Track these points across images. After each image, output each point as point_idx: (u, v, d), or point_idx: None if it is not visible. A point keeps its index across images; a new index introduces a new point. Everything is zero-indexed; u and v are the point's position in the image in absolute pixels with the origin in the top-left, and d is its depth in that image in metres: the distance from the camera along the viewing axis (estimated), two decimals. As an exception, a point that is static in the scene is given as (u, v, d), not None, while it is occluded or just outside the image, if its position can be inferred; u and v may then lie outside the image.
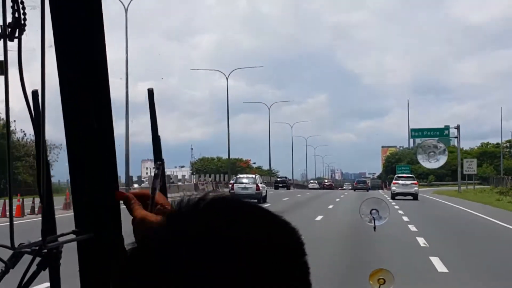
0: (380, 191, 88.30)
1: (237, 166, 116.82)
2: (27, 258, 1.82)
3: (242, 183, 43.38)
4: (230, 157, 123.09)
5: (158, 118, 1.92)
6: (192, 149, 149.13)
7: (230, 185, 45.02)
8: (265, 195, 44.45)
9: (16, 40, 1.57)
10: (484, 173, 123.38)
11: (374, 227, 2.85)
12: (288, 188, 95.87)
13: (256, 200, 39.96)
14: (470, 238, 22.82)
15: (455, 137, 66.15)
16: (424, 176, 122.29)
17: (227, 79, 72.63)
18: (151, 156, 1.94)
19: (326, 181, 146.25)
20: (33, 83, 1.69)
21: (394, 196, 50.01)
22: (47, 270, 1.89)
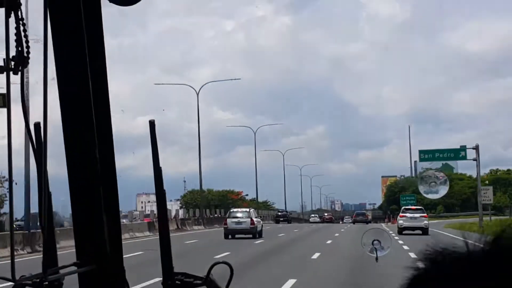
0: (383, 224, 79.23)
1: (228, 199, 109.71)
2: None
3: (236, 217, 40.27)
4: (223, 189, 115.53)
5: (159, 154, 1.93)
6: (184, 181, 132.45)
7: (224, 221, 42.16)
8: (261, 230, 42.01)
9: (19, 73, 1.59)
10: (498, 202, 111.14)
11: (376, 258, 2.84)
12: (289, 222, 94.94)
13: (251, 235, 37.20)
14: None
15: (474, 159, 58.94)
16: (432, 207, 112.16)
17: (197, 94, 70.38)
18: (147, 191, 1.94)
19: (326, 214, 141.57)
20: (34, 116, 1.70)
21: (401, 230, 44.29)
22: None
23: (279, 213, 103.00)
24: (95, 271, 1.90)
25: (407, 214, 45.51)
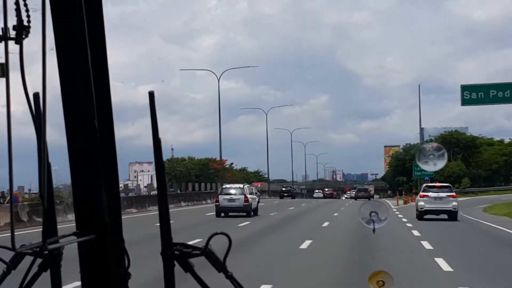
0: (389, 202, 63.23)
1: (210, 168, 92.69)
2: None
3: (228, 194, 36.73)
4: (207, 157, 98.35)
5: (160, 121, 1.92)
6: (172, 149, 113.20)
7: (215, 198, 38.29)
8: (256, 207, 38.30)
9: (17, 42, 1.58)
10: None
11: (374, 230, 2.86)
12: (293, 197, 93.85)
13: (245, 214, 36.04)
14: None
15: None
16: (454, 180, 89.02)
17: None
18: (140, 159, 1.93)
19: (326, 189, 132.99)
20: (34, 85, 1.70)
21: (421, 215, 33.80)
22: (48, 271, 1.90)
23: (283, 188, 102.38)
24: (95, 241, 1.91)
25: (430, 193, 34.04)
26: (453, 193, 34.86)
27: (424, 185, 37.38)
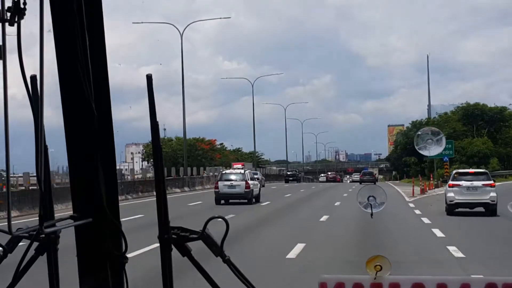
0: (399, 189, 51.70)
1: (197, 149, 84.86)
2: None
3: (229, 180, 34.59)
4: (193, 137, 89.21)
5: (162, 103, 1.91)
6: (165, 129, 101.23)
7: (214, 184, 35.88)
8: (258, 194, 36.12)
9: (15, 25, 1.56)
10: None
11: (371, 214, 2.86)
12: (299, 181, 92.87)
13: (245, 201, 33.79)
14: None
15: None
16: (479, 161, 75.11)
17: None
18: (138, 141, 1.92)
19: (329, 173, 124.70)
20: (32, 68, 1.69)
21: (452, 208, 27.40)
22: (45, 255, 1.90)
23: (288, 173, 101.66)
24: (92, 224, 1.91)
25: (462, 182, 27.61)
26: (491, 181, 27.69)
27: (455, 171, 30.70)
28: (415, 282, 2.27)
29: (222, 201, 34.06)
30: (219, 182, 34.78)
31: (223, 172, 37.92)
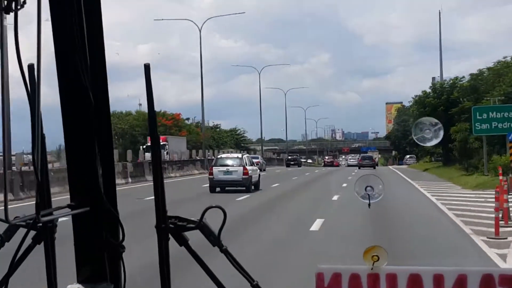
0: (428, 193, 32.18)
1: (158, 124, 59.69)
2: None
3: (224, 165, 31.36)
4: (157, 110, 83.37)
5: (160, 82, 1.87)
6: (140, 104, 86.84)
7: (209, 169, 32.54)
8: (258, 181, 32.93)
9: (12, 14, 1.56)
10: None
11: (369, 204, 2.86)
12: (299, 166, 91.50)
13: (244, 188, 30.41)
14: None
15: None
16: None
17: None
18: None
19: (326, 157, 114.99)
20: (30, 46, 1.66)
21: None
22: (42, 244, 1.90)
23: (289, 157, 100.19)
24: (89, 213, 1.91)
25: None
26: None
27: None
28: (412, 272, 2.27)
29: (218, 189, 31.16)
30: (213, 167, 31.57)
31: (219, 156, 34.38)
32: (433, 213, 21.02)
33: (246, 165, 31.75)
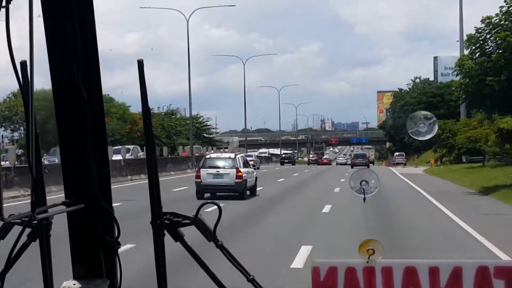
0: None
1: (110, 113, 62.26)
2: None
3: (214, 167, 26.48)
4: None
5: (148, 71, 1.86)
6: (121, 92, 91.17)
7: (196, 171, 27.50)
8: (254, 185, 27.96)
9: (3, 10, 1.55)
10: None
11: (364, 199, 2.86)
12: (293, 164, 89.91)
13: (237, 194, 25.02)
14: None
15: None
16: None
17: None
18: None
19: (311, 155, 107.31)
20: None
21: None
22: (37, 241, 1.90)
23: (284, 155, 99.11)
24: (84, 210, 1.91)
25: None
26: None
27: None
28: (407, 265, 2.28)
29: (208, 194, 26.20)
30: (201, 169, 26.44)
31: (207, 156, 29.12)
32: None
33: (240, 166, 26.55)
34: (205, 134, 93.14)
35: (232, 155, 27.93)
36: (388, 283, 2.27)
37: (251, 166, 28.97)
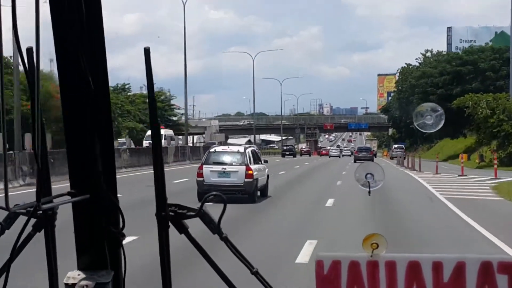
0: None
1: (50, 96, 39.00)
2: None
3: (220, 163, 22.24)
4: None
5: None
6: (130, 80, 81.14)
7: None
8: (266, 185, 23.62)
9: None
10: None
11: (369, 192, 2.86)
12: (294, 156, 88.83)
13: (246, 196, 20.83)
14: None
15: None
16: None
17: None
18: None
19: (304, 147, 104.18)
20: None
21: None
22: (42, 231, 1.90)
23: (285, 147, 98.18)
24: (89, 201, 1.91)
25: None
26: None
27: None
28: (411, 260, 2.28)
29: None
30: (204, 166, 22.19)
31: (211, 150, 23.78)
32: None
33: (251, 163, 22.26)
34: (167, 116, 75.43)
35: (241, 149, 23.26)
36: (392, 277, 2.27)
37: (262, 162, 24.67)
